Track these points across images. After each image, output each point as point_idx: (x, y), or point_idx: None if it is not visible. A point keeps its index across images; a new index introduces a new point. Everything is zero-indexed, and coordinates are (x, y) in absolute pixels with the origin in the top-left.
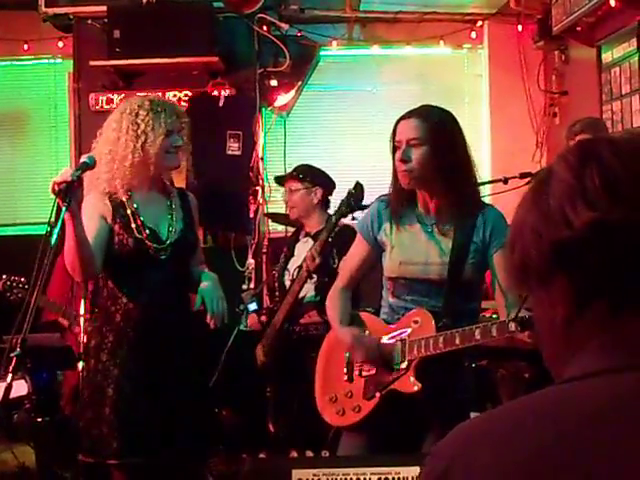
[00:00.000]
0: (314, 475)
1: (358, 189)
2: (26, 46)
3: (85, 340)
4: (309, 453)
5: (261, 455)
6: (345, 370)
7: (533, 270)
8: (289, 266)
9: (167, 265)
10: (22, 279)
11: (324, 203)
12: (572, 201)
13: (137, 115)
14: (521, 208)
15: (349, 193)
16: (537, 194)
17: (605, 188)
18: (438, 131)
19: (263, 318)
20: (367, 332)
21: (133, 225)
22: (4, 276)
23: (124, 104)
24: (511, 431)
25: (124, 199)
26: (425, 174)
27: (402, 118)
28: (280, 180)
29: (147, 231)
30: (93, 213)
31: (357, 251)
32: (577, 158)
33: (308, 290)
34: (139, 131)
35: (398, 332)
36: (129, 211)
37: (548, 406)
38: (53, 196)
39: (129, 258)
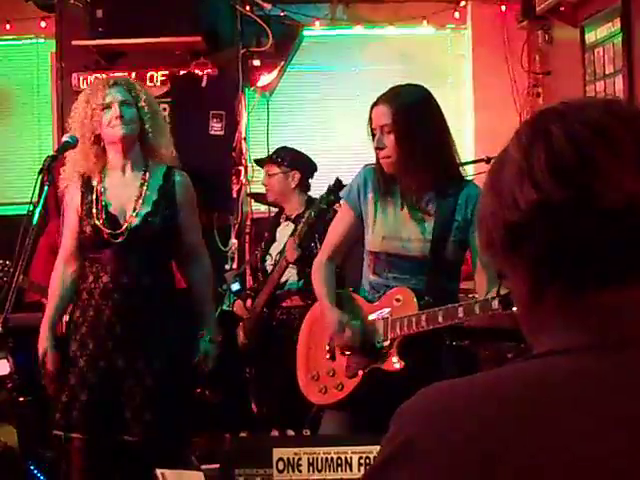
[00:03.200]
0: (295, 454)
1: (337, 185)
2: (8, 26)
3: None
4: (290, 432)
5: (242, 434)
6: (327, 348)
7: (497, 251)
8: (271, 251)
9: (126, 249)
10: (7, 262)
11: (303, 186)
12: (520, 182)
13: (83, 97)
14: (484, 190)
15: (328, 189)
16: (494, 175)
17: (549, 168)
18: (406, 114)
19: (249, 304)
20: (351, 311)
21: (94, 210)
22: None
23: None
24: (464, 406)
25: (94, 183)
26: (400, 158)
27: (374, 104)
28: (260, 163)
29: (104, 216)
30: (72, 207)
31: (342, 221)
32: (527, 135)
33: (290, 275)
34: (81, 111)
35: (380, 310)
36: (94, 195)
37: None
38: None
39: (89, 243)
